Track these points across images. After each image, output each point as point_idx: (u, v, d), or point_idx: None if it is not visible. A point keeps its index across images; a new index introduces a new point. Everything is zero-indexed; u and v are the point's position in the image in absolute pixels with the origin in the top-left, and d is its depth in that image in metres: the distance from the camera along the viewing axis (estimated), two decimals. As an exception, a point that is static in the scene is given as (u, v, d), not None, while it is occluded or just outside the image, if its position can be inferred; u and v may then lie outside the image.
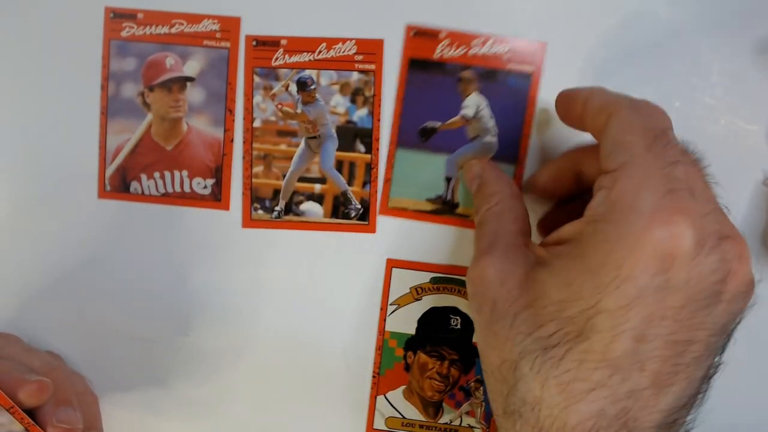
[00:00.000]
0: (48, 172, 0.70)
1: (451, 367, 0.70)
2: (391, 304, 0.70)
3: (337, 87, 0.69)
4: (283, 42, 0.68)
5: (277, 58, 0.68)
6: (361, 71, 0.68)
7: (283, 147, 0.70)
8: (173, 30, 0.69)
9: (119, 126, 0.70)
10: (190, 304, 0.72)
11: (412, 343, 0.70)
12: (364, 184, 0.69)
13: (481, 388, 0.70)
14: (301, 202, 0.70)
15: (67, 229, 0.71)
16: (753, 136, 0.66)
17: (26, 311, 0.72)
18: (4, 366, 0.61)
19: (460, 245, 0.69)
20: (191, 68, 0.69)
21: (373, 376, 0.72)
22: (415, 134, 0.68)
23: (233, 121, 0.69)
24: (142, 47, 0.69)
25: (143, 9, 0.69)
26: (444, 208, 0.69)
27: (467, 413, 0.71)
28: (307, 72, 0.68)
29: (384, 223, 0.69)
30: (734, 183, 0.67)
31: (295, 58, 0.68)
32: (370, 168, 0.69)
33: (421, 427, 0.71)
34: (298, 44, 0.68)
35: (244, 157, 0.69)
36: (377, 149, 0.69)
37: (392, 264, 0.70)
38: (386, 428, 0.71)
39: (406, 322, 0.70)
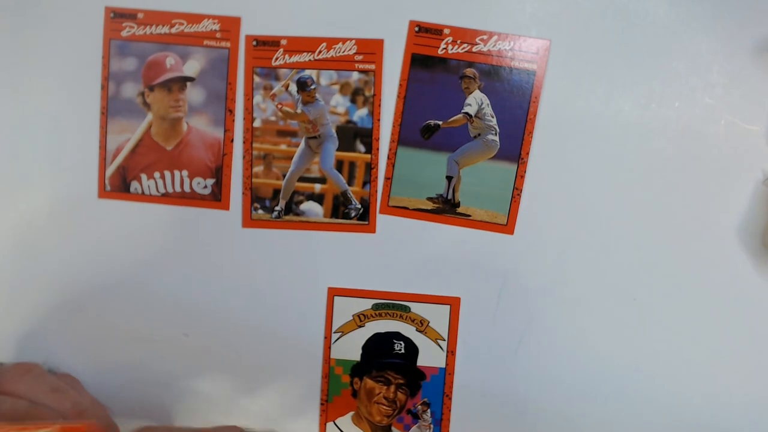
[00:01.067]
0: (48, 172, 0.70)
1: (398, 391, 0.71)
2: (334, 332, 0.71)
3: (337, 87, 0.69)
4: (283, 42, 0.68)
5: (277, 58, 0.68)
6: (361, 71, 0.68)
7: (283, 147, 0.69)
8: (173, 30, 0.69)
9: (119, 126, 0.70)
10: (191, 304, 0.72)
11: (357, 370, 0.71)
12: (364, 184, 0.69)
13: (429, 410, 0.71)
14: (301, 202, 0.70)
15: (67, 229, 0.71)
16: (753, 136, 0.67)
17: (25, 311, 0.72)
18: (43, 415, 0.61)
19: (461, 245, 0.69)
20: (191, 68, 0.69)
21: (322, 404, 0.72)
22: (417, 132, 0.68)
23: (233, 121, 0.69)
24: (142, 47, 0.69)
25: (143, 9, 0.68)
26: (445, 208, 0.68)
27: None
28: (307, 72, 0.68)
29: (384, 222, 0.69)
30: (734, 183, 0.67)
31: (295, 58, 0.68)
32: (370, 168, 0.69)
33: None
34: (298, 44, 0.68)
35: (244, 157, 0.69)
36: (377, 149, 0.68)
37: (334, 292, 0.70)
38: None
39: (350, 348, 0.71)
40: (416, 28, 0.67)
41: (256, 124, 0.69)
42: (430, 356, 0.70)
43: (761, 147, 0.66)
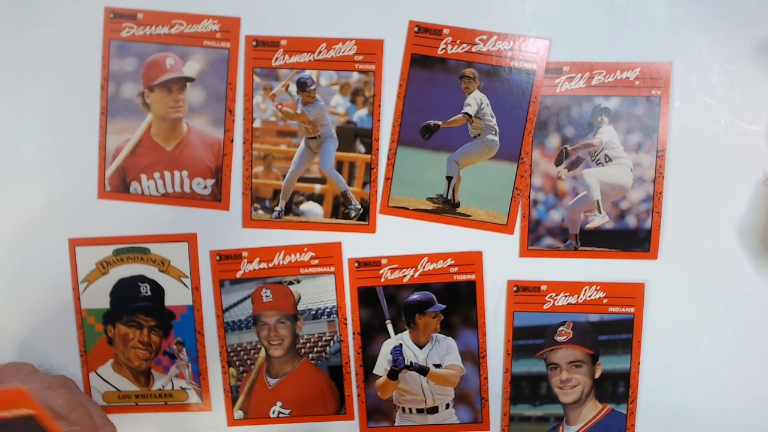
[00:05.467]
0: (48, 172, 0.70)
1: (151, 334, 0.72)
2: (81, 282, 0.71)
3: (337, 87, 0.69)
4: (283, 42, 0.68)
5: (277, 59, 0.68)
6: (361, 71, 0.68)
7: (283, 147, 0.70)
8: (173, 30, 0.69)
9: (119, 126, 0.70)
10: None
11: (108, 317, 0.72)
12: (364, 184, 0.69)
13: (184, 349, 0.72)
14: (301, 202, 0.70)
15: (66, 230, 0.71)
16: (753, 136, 0.67)
17: (24, 311, 0.72)
18: None
19: (461, 244, 0.69)
20: (191, 68, 0.69)
21: (81, 355, 0.73)
22: (417, 132, 0.68)
23: (233, 121, 0.69)
24: (142, 47, 0.69)
25: (143, 9, 0.68)
26: (445, 208, 0.68)
27: (176, 376, 0.72)
28: (307, 72, 0.68)
29: (384, 222, 0.69)
30: (734, 183, 0.67)
31: (295, 59, 0.68)
32: (370, 168, 0.69)
33: (137, 396, 0.73)
34: (298, 44, 0.68)
35: (244, 157, 0.69)
36: (377, 149, 0.68)
37: (74, 243, 0.71)
38: (105, 403, 0.73)
39: (99, 297, 0.72)
40: (416, 29, 0.67)
41: (256, 124, 0.69)
42: (176, 295, 0.71)
43: (761, 147, 0.67)
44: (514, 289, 0.68)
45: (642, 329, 0.68)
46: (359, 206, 0.69)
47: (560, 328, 0.68)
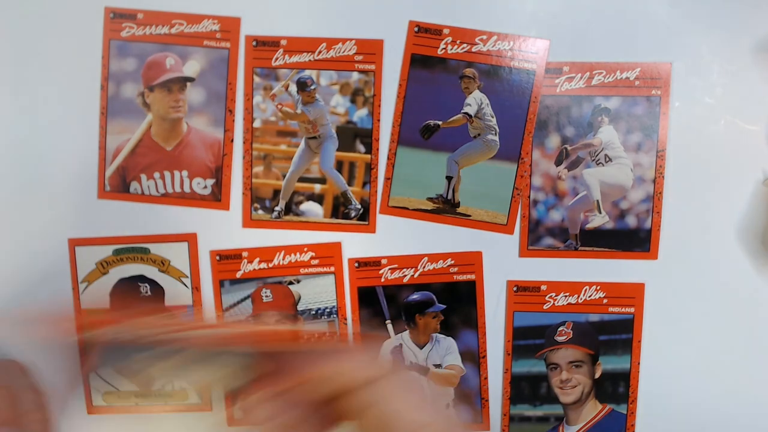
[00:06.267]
0: (48, 172, 0.70)
1: None
2: (81, 282, 0.71)
3: (337, 87, 0.69)
4: (283, 42, 0.68)
5: (277, 59, 0.68)
6: (361, 71, 0.68)
7: (283, 147, 0.70)
8: (173, 30, 0.69)
9: (119, 126, 0.70)
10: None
11: None
12: (364, 184, 0.69)
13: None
14: (301, 202, 0.70)
15: (66, 230, 0.71)
16: (753, 136, 0.67)
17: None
18: None
19: (461, 244, 0.69)
20: (191, 68, 0.69)
21: (81, 356, 0.72)
22: (417, 132, 0.68)
23: (233, 121, 0.69)
24: (142, 47, 0.69)
25: (143, 9, 0.68)
26: (445, 207, 0.69)
27: None
28: (307, 72, 0.68)
29: (384, 222, 0.69)
30: (734, 183, 0.67)
31: (295, 59, 0.68)
32: (370, 168, 0.69)
33: (137, 396, 0.73)
34: (298, 44, 0.68)
35: (244, 157, 0.69)
36: (377, 149, 0.69)
37: (74, 243, 0.71)
38: (105, 404, 0.73)
39: (99, 297, 0.72)
40: (416, 29, 0.67)
41: (256, 124, 0.69)
42: (176, 295, 0.71)
43: (761, 147, 0.67)
44: (514, 289, 0.68)
45: (642, 329, 0.68)
46: (359, 206, 0.69)
47: (560, 328, 0.68)
